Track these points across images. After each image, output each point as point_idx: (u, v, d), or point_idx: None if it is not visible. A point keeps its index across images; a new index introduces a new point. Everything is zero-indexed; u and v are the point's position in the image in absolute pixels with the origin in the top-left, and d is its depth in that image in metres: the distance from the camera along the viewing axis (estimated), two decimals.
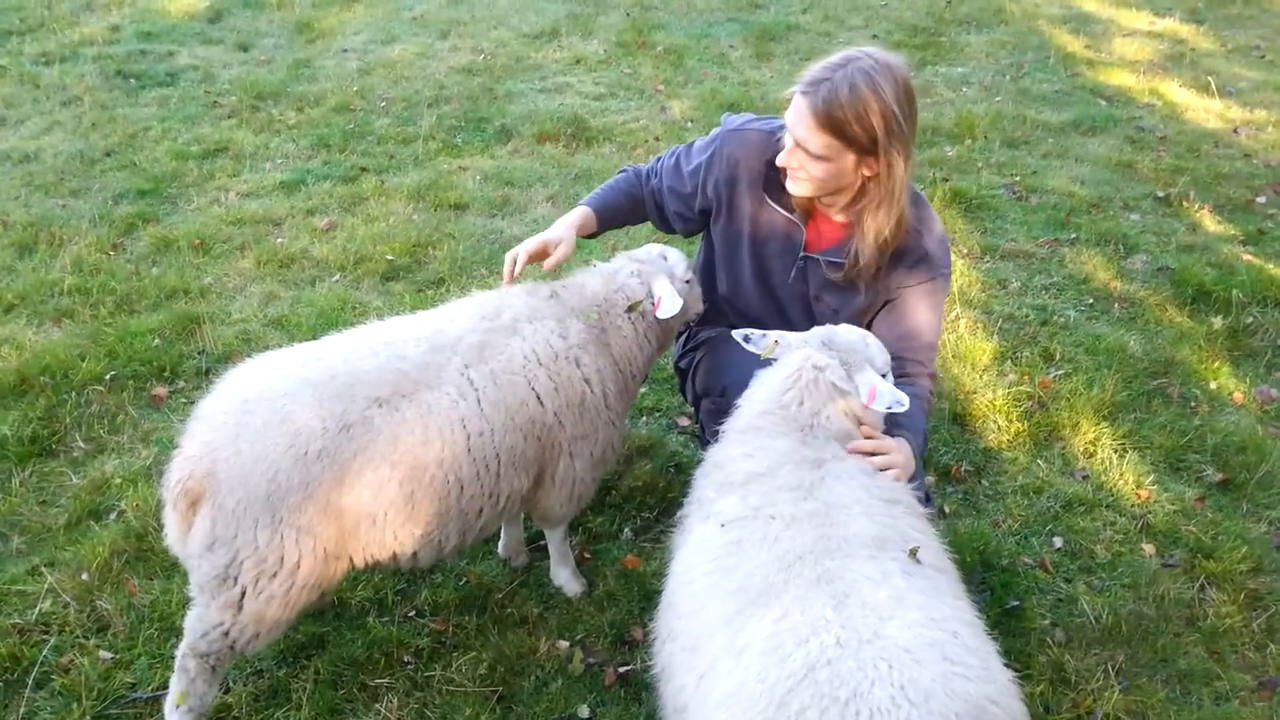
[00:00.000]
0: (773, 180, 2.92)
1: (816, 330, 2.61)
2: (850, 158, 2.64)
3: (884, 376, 2.54)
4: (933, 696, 1.72)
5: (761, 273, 3.08)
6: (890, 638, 1.81)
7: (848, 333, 2.59)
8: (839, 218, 2.89)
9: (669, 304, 2.86)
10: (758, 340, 2.68)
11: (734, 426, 2.49)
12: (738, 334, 2.72)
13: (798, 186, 2.78)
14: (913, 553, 2.07)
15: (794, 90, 2.65)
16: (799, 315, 3.05)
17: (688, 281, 3.06)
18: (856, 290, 2.94)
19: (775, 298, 3.07)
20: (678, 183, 3.12)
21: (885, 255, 2.82)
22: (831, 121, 2.57)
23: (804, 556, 2.02)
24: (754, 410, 2.48)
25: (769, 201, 2.95)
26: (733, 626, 1.95)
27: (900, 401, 2.43)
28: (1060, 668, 2.94)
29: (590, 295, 2.91)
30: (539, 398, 2.67)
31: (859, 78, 2.54)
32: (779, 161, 2.77)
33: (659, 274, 2.95)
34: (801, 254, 2.96)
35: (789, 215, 2.93)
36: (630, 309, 2.91)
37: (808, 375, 2.45)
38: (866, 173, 2.69)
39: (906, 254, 2.87)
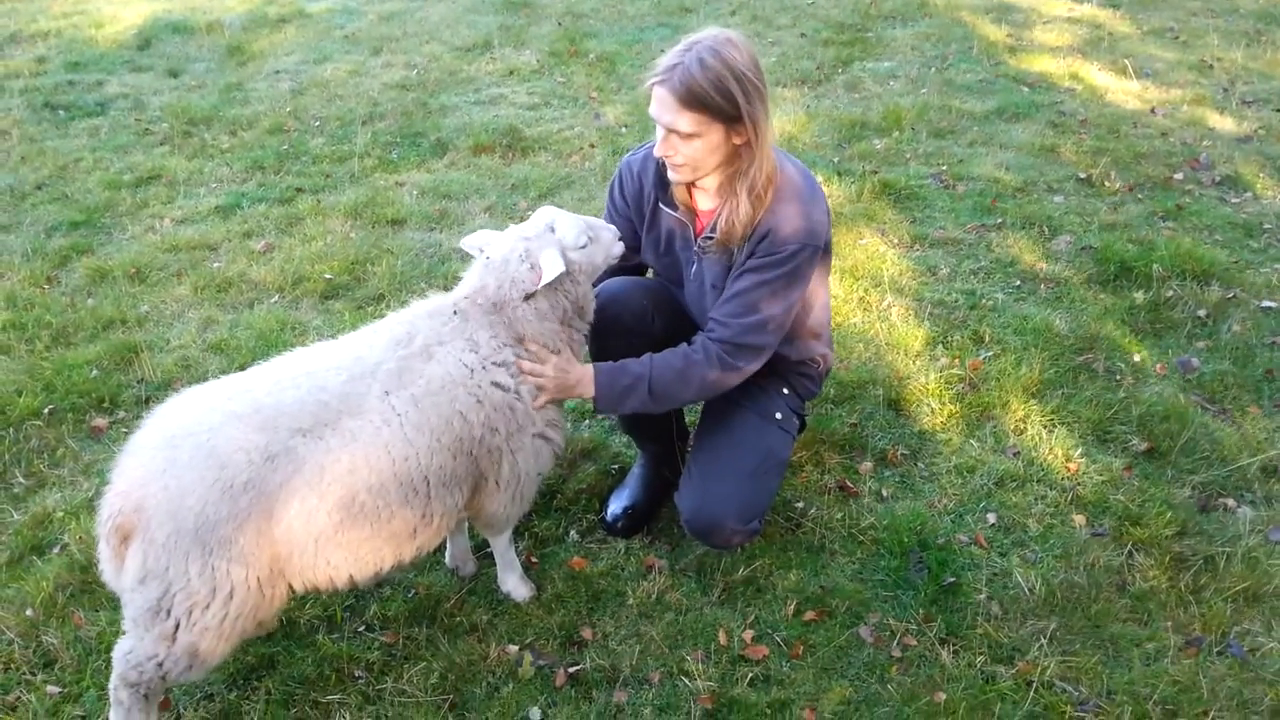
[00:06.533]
0: (665, 186, 3.03)
1: None
2: (719, 129, 2.73)
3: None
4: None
5: (679, 277, 3.19)
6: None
7: None
8: (713, 203, 2.96)
9: (549, 269, 2.79)
10: None
11: None
12: None
13: (678, 174, 2.87)
14: None
15: (650, 84, 2.74)
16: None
17: (583, 246, 2.95)
18: (730, 263, 2.97)
19: (702, 301, 3.14)
20: (610, 210, 3.29)
21: (759, 213, 2.84)
22: (693, 98, 2.66)
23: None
24: None
25: (663, 207, 3.07)
26: None
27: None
28: (997, 640, 3.03)
29: (490, 296, 2.83)
30: (463, 415, 2.69)
31: (706, 54, 2.67)
32: (655, 153, 2.86)
33: (546, 247, 2.85)
34: (696, 246, 3.05)
35: (676, 214, 3.04)
36: (528, 298, 2.84)
37: None
38: (737, 140, 2.78)
39: (754, 231, 2.88)
